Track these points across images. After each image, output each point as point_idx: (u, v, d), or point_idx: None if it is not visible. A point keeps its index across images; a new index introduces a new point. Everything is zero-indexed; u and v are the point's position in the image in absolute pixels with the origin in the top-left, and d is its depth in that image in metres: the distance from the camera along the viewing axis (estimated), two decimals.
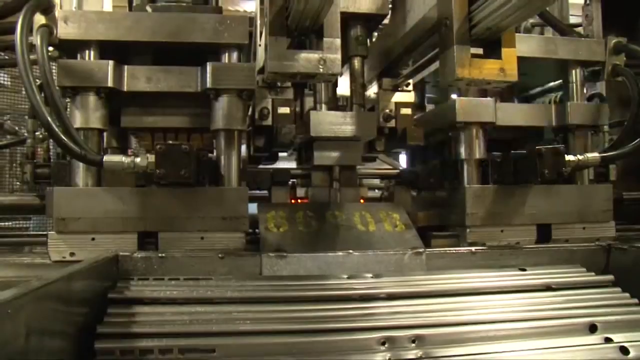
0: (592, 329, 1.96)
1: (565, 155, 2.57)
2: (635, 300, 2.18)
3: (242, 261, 2.28)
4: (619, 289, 2.25)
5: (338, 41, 2.09)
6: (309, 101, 3.01)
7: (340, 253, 2.32)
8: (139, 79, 2.44)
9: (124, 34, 2.39)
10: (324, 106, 2.76)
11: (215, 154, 2.54)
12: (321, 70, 2.04)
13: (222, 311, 1.93)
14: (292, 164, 3.28)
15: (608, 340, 1.91)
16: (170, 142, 2.36)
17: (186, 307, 1.94)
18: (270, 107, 2.79)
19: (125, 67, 2.44)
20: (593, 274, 2.38)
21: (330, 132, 2.61)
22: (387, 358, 1.77)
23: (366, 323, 1.91)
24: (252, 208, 2.94)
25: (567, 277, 2.32)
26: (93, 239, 2.36)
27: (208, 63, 2.42)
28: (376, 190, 4.18)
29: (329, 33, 2.08)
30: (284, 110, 2.77)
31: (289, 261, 2.29)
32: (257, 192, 3.29)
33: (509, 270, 2.37)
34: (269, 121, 2.79)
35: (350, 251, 2.33)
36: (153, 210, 2.40)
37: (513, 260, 2.44)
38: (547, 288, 2.23)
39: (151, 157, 2.27)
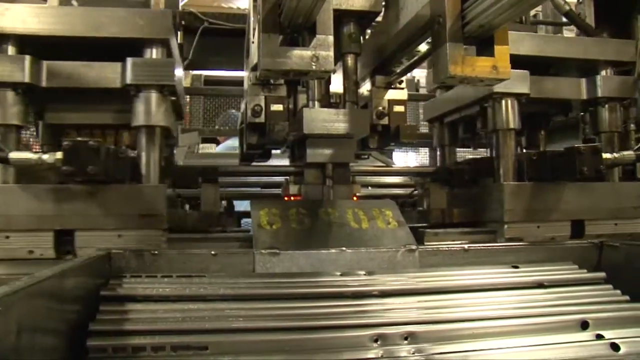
0: (584, 325, 1.97)
1: (602, 154, 2.61)
2: (627, 298, 2.19)
3: (235, 259, 2.28)
4: (610, 286, 2.27)
5: (331, 38, 2.09)
6: (302, 98, 3.00)
7: (333, 250, 2.33)
8: (58, 74, 2.42)
9: (43, 28, 2.36)
10: (316, 103, 2.73)
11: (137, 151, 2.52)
12: (314, 67, 2.03)
13: (214, 308, 1.93)
14: (285, 162, 3.28)
15: (599, 336, 1.92)
16: (79, 138, 2.28)
17: (179, 305, 1.94)
18: (263, 105, 2.78)
19: (44, 62, 2.41)
20: (585, 271, 2.39)
21: (323, 129, 2.60)
22: (380, 355, 1.77)
23: (359, 320, 1.91)
24: (246, 205, 2.94)
25: (559, 274, 2.33)
26: (7, 237, 2.32)
27: (128, 58, 2.41)
28: (369, 188, 4.21)
29: (322, 30, 2.08)
30: (277, 107, 2.77)
31: (282, 258, 2.28)
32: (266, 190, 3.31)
33: (502, 267, 2.37)
34: (261, 118, 2.78)
35: (343, 248, 2.33)
36: (69, 208, 2.36)
37: (506, 258, 2.45)
38: (539, 285, 2.24)
39: (59, 154, 2.21)
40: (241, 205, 3.75)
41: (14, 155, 2.25)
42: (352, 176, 2.92)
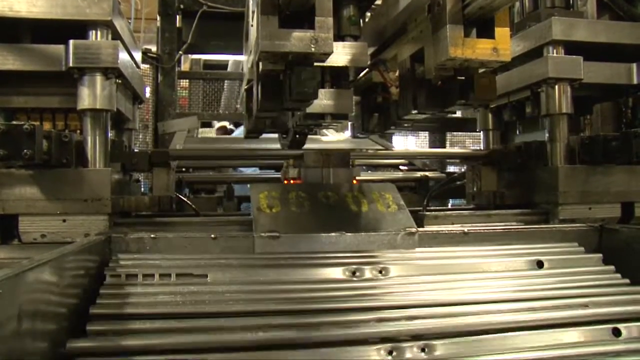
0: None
1: None
2: (627, 281, 2.20)
3: (235, 242, 2.28)
4: (612, 268, 2.29)
5: (330, 20, 2.06)
6: None
7: (333, 234, 2.33)
8: (3, 57, 2.40)
9: None
10: None
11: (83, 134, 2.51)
12: (313, 49, 2.02)
13: (215, 291, 1.95)
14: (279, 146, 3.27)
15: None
16: (14, 122, 2.27)
17: (180, 287, 1.95)
18: None
19: None
20: (582, 249, 2.46)
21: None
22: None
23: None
24: (245, 189, 2.93)
25: (562, 255, 2.38)
26: None
27: (70, 41, 2.39)
28: (368, 171, 4.21)
29: (321, 12, 2.06)
30: None
31: (281, 242, 2.29)
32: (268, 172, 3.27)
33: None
34: None
35: (343, 232, 2.33)
36: (13, 192, 2.36)
37: (505, 241, 2.46)
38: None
39: None
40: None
41: None
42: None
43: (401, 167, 4.47)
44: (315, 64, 2.15)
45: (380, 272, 2.15)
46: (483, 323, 1.89)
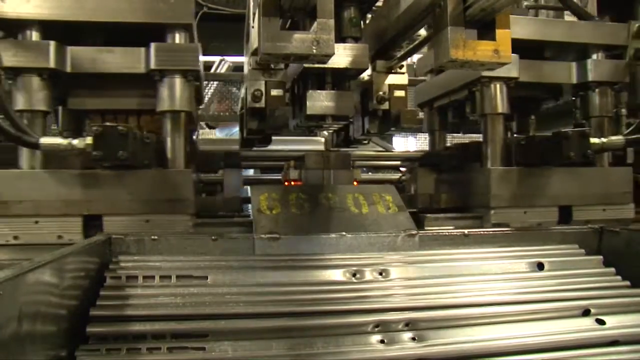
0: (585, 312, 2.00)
1: (590, 138, 2.59)
2: (627, 283, 2.20)
3: (235, 243, 2.28)
4: (612, 270, 2.29)
5: (331, 22, 2.06)
6: None
7: (333, 235, 2.33)
8: (82, 60, 2.42)
9: (66, 14, 2.35)
10: None
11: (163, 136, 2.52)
12: (314, 51, 2.02)
13: (215, 293, 1.94)
14: (287, 147, 3.27)
15: (600, 321, 1.93)
16: (108, 123, 2.31)
17: (180, 289, 1.95)
18: (263, 89, 2.76)
19: (69, 48, 2.41)
20: (583, 251, 2.43)
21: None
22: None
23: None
24: (245, 190, 2.93)
25: (562, 257, 2.37)
26: (37, 222, 2.35)
27: (152, 43, 2.41)
28: (369, 173, 4.21)
29: (322, 14, 2.06)
30: (277, 92, 2.74)
31: (281, 243, 2.29)
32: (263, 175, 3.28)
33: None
34: (262, 103, 2.76)
35: (344, 233, 2.33)
36: (97, 193, 2.38)
37: (506, 243, 2.45)
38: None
39: (89, 139, 2.23)
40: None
41: (44, 140, 2.26)
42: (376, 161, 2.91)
43: (401, 169, 4.46)
44: (317, 65, 2.15)
45: (381, 273, 2.14)
46: (484, 324, 1.91)
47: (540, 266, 2.28)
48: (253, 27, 2.75)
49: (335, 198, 2.59)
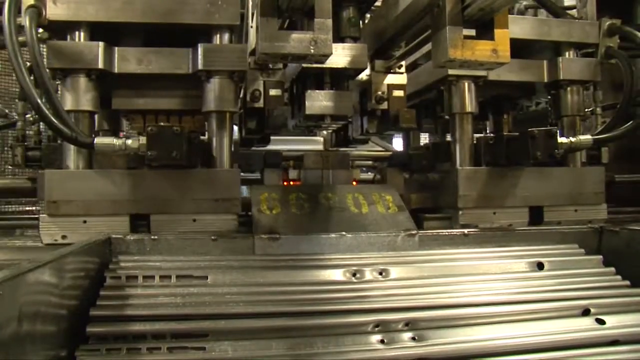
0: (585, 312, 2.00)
1: (558, 138, 2.55)
2: (627, 283, 2.20)
3: (235, 243, 2.28)
4: (612, 269, 2.29)
5: (329, 21, 2.07)
6: None
7: (333, 235, 2.33)
8: (129, 60, 2.42)
9: (113, 15, 2.36)
10: None
11: (207, 136, 2.53)
12: (312, 51, 2.02)
13: (215, 293, 1.94)
14: (285, 146, 3.26)
15: (600, 321, 1.94)
16: (162, 123, 2.33)
17: (180, 289, 1.95)
18: (261, 89, 2.77)
19: (116, 48, 2.42)
20: (583, 250, 2.43)
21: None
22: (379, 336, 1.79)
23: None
24: (244, 190, 2.93)
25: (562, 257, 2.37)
26: (85, 221, 2.35)
27: (199, 44, 2.40)
28: (369, 172, 4.20)
29: (321, 14, 2.06)
30: (276, 92, 2.75)
31: (281, 243, 2.29)
32: (250, 174, 3.29)
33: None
34: (260, 103, 2.77)
35: (343, 233, 2.33)
36: (145, 192, 2.39)
37: (505, 242, 2.45)
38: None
39: (143, 139, 2.25)
40: None
41: (99, 140, 2.27)
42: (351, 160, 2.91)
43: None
44: (315, 64, 2.15)
45: (381, 273, 2.14)
46: (484, 323, 1.91)
47: (540, 266, 2.28)
48: (251, 27, 2.75)
49: (335, 198, 2.59)
